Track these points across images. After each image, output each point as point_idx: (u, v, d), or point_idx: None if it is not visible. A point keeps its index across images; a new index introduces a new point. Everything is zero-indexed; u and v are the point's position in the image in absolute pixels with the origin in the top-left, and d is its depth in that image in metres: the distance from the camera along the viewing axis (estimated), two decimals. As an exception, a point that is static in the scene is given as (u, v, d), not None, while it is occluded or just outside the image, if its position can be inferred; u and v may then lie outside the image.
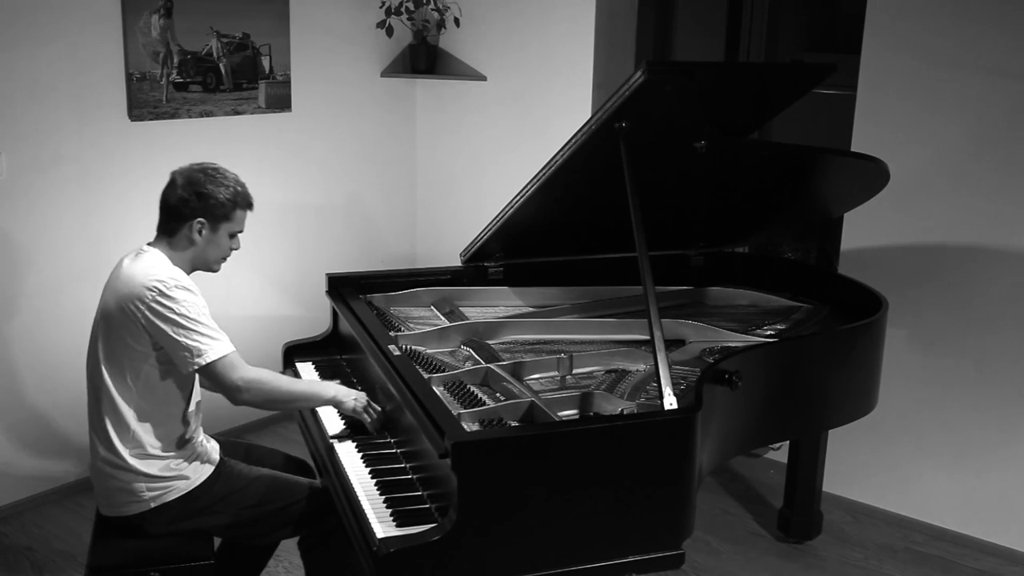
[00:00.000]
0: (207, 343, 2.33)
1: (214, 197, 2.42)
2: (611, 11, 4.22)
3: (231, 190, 2.45)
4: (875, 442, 3.71)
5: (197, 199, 2.41)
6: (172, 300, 2.31)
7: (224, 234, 2.48)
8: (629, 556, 2.16)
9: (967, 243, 3.42)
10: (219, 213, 2.44)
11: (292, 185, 4.38)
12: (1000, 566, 3.44)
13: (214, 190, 2.42)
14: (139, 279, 2.33)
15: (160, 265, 2.38)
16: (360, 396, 2.58)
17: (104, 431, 2.41)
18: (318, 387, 2.59)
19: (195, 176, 2.43)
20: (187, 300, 2.33)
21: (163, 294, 2.30)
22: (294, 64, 4.24)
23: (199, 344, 2.32)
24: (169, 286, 2.32)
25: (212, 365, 2.33)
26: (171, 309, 2.30)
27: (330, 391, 2.55)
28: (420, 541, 1.99)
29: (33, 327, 3.59)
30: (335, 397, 2.54)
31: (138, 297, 2.31)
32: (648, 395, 2.55)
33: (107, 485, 2.44)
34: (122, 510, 2.44)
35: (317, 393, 2.55)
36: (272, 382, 2.43)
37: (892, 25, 3.44)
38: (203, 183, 2.42)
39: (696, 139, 2.70)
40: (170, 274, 2.35)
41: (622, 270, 3.24)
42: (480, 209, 3.99)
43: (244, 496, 2.49)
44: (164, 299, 2.30)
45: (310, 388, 2.57)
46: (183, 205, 2.41)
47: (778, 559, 3.44)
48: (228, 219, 2.46)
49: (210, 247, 2.47)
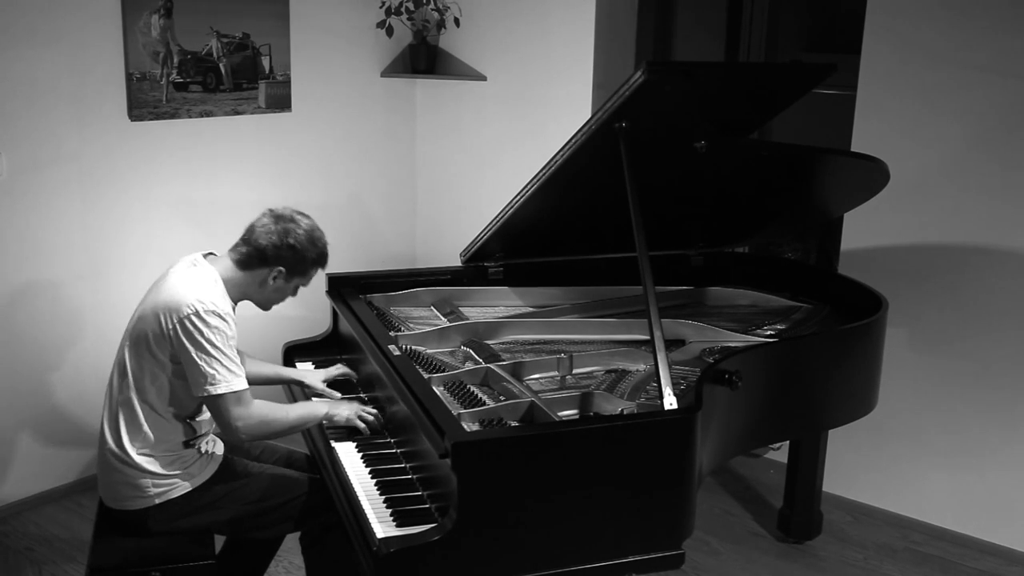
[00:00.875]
0: (223, 375, 2.34)
1: (303, 254, 2.47)
2: (611, 11, 4.22)
3: (319, 251, 2.51)
4: (875, 442, 3.71)
5: (288, 250, 2.45)
6: (205, 324, 2.33)
7: (293, 285, 2.55)
8: (629, 556, 2.16)
9: (967, 243, 3.42)
10: (299, 270, 2.50)
11: (292, 185, 4.38)
12: (1000, 566, 3.44)
13: (305, 248, 2.47)
14: (182, 294, 2.35)
15: (207, 288, 2.39)
16: (351, 406, 2.59)
17: (116, 425, 2.44)
18: (310, 409, 2.58)
19: (291, 227, 2.47)
20: (219, 328, 2.34)
21: (199, 315, 2.32)
22: (294, 64, 4.24)
23: (215, 373, 2.33)
24: (208, 309, 2.33)
25: (220, 397, 2.35)
26: (201, 332, 2.32)
27: (321, 409, 2.56)
28: (420, 541, 1.99)
29: (33, 327, 3.59)
30: (327, 414, 2.56)
31: (175, 311, 2.33)
32: (648, 395, 2.55)
33: (112, 478, 2.46)
34: (126, 504, 2.46)
35: (310, 416, 2.55)
36: (268, 421, 2.44)
37: (892, 25, 3.44)
38: (297, 237, 2.46)
39: (696, 139, 2.70)
40: (212, 298, 2.36)
41: (622, 270, 3.24)
42: (480, 209, 3.99)
43: (246, 492, 2.51)
44: (198, 320, 2.32)
45: (303, 413, 2.55)
46: (271, 250, 2.44)
47: (778, 559, 3.44)
48: (304, 275, 2.53)
49: (275, 293, 2.53)
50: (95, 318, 3.73)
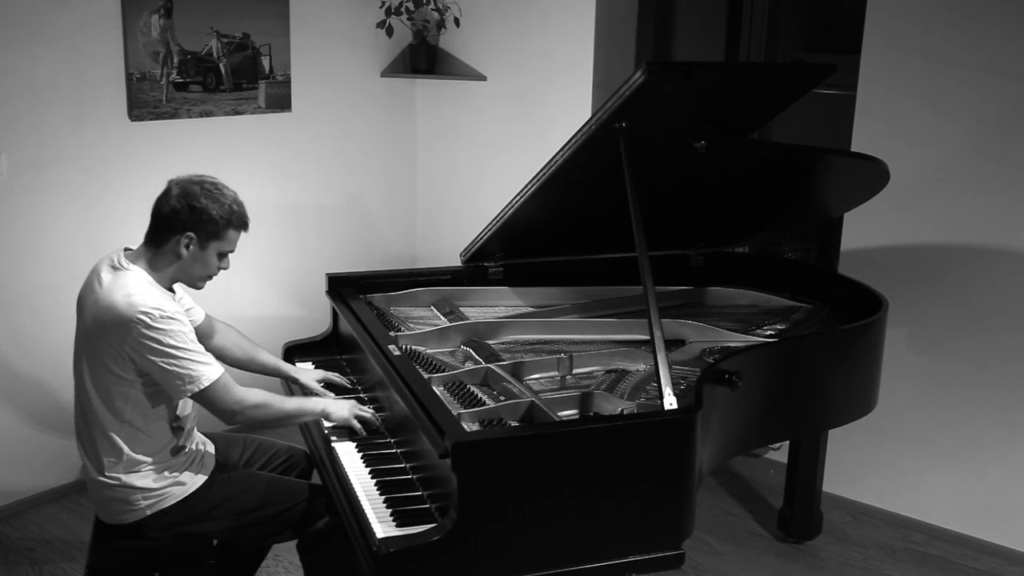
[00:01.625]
0: (199, 369, 2.29)
1: (207, 213, 2.32)
2: (611, 11, 4.22)
3: (227, 208, 2.35)
4: (875, 442, 3.71)
5: (189, 212, 2.31)
6: (159, 331, 2.24)
7: (212, 252, 2.38)
8: (629, 556, 2.16)
9: (967, 243, 3.42)
10: (210, 230, 2.34)
11: (292, 185, 4.38)
12: (1000, 566, 3.44)
13: (208, 205, 2.32)
14: (122, 310, 2.25)
15: (142, 292, 2.29)
16: (349, 406, 2.57)
17: (95, 453, 2.38)
18: (307, 403, 2.56)
19: (191, 188, 2.33)
20: (173, 330, 2.26)
21: (149, 327, 2.24)
22: (294, 64, 4.24)
23: (191, 371, 2.28)
24: (155, 317, 2.24)
25: (207, 390, 2.31)
26: (159, 341, 2.25)
27: (319, 405, 2.54)
28: (420, 541, 1.99)
29: (33, 327, 3.59)
30: (324, 411, 2.53)
31: (123, 330, 2.25)
32: (648, 395, 2.55)
33: (102, 495, 2.41)
34: (119, 518, 2.42)
35: (307, 409, 2.53)
36: (264, 402, 2.41)
37: (892, 25, 3.44)
38: (198, 196, 2.32)
39: (696, 139, 2.70)
40: (154, 304, 2.26)
41: (622, 270, 3.24)
42: (480, 209, 3.99)
43: (242, 500, 2.48)
44: (151, 331, 2.24)
45: (300, 405, 2.53)
46: (174, 217, 2.32)
47: (778, 559, 3.44)
48: (219, 237, 2.36)
49: (195, 264, 2.37)
50: (95, 318, 3.72)
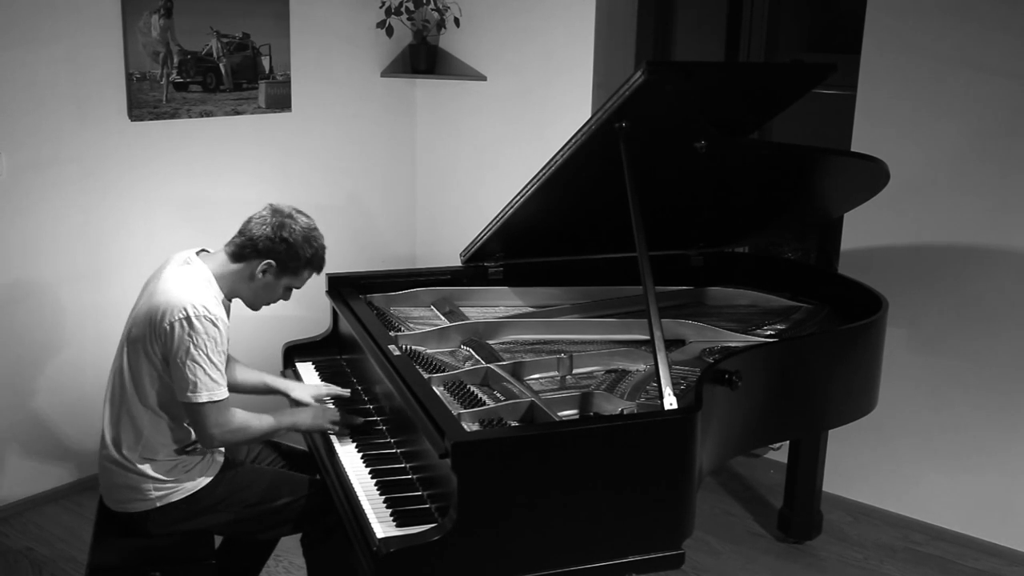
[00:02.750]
0: (206, 382, 2.32)
1: (295, 250, 2.42)
2: (611, 11, 4.22)
3: (314, 251, 2.46)
4: (875, 442, 3.71)
5: (281, 243, 2.41)
6: (194, 330, 2.30)
7: (283, 284, 2.49)
8: (629, 556, 2.16)
9: (967, 243, 3.42)
10: (291, 266, 2.45)
11: (292, 185, 4.38)
12: (1000, 566, 3.44)
13: (299, 244, 2.43)
14: (176, 296, 2.32)
15: (200, 289, 2.36)
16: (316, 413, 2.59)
17: (116, 431, 2.43)
18: (278, 419, 2.56)
19: (288, 222, 2.43)
20: (208, 334, 2.31)
21: (189, 319, 2.30)
22: (294, 64, 4.24)
23: (197, 381, 2.31)
24: (199, 314, 2.31)
25: (200, 405, 2.34)
26: (189, 338, 2.30)
27: (287, 420, 2.56)
28: (420, 541, 2.00)
29: (33, 327, 3.59)
30: (293, 424, 2.56)
31: (168, 313, 2.31)
32: (648, 395, 2.55)
33: (113, 481, 2.45)
34: (127, 507, 2.45)
35: (279, 426, 2.53)
36: (241, 431, 2.43)
37: (892, 25, 3.44)
38: (293, 232, 2.42)
39: (696, 139, 2.70)
40: (204, 302, 2.33)
41: (622, 270, 3.24)
42: (480, 209, 3.99)
43: (247, 494, 2.51)
44: (188, 325, 2.30)
45: (273, 423, 2.53)
46: (264, 241, 2.41)
47: (778, 559, 3.44)
48: (295, 274, 2.48)
49: (264, 290, 2.48)
50: (95, 318, 3.73)
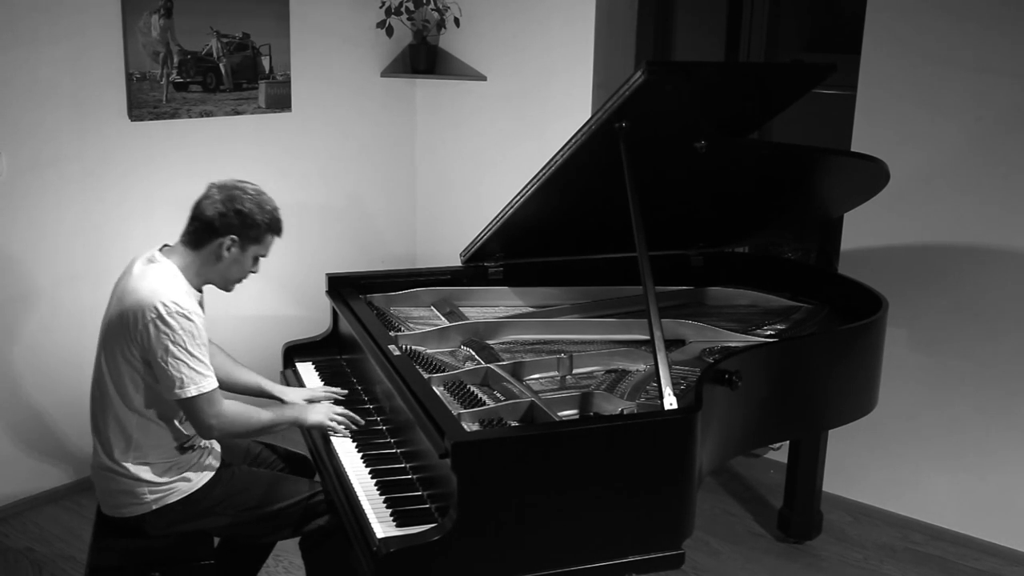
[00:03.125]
0: (192, 376, 2.31)
1: (252, 217, 2.41)
2: (611, 11, 4.22)
3: (268, 214, 2.44)
4: (875, 442, 3.71)
5: (235, 215, 2.39)
6: (168, 327, 2.28)
7: (250, 256, 2.47)
8: (629, 556, 2.16)
9: (967, 243, 3.42)
10: (253, 234, 2.43)
11: (292, 185, 4.38)
12: (1000, 566, 3.44)
13: (253, 210, 2.41)
14: (143, 296, 2.31)
15: (168, 284, 2.34)
16: (320, 409, 2.58)
17: (106, 437, 2.42)
18: (282, 412, 2.57)
19: (236, 193, 2.41)
20: (184, 329, 2.30)
21: (161, 318, 2.28)
22: (294, 64, 4.24)
23: (183, 376, 2.31)
24: (171, 311, 2.29)
25: (192, 399, 2.33)
26: (166, 335, 2.29)
27: (291, 414, 2.55)
28: (420, 541, 1.99)
29: (33, 327, 3.59)
30: (296, 419, 2.55)
31: (139, 315, 2.30)
32: (648, 395, 2.55)
33: (108, 487, 2.44)
34: (123, 511, 2.44)
35: (280, 419, 2.54)
36: (241, 420, 2.43)
37: (892, 25, 3.44)
38: (243, 202, 2.40)
39: (696, 139, 2.70)
40: (174, 297, 2.32)
41: (622, 270, 3.24)
42: (480, 209, 3.99)
43: (245, 497, 2.50)
44: (161, 323, 2.28)
45: (274, 417, 2.54)
46: (219, 219, 2.39)
47: (778, 559, 3.44)
48: (259, 242, 2.46)
49: (234, 266, 2.46)
50: (95, 318, 3.67)
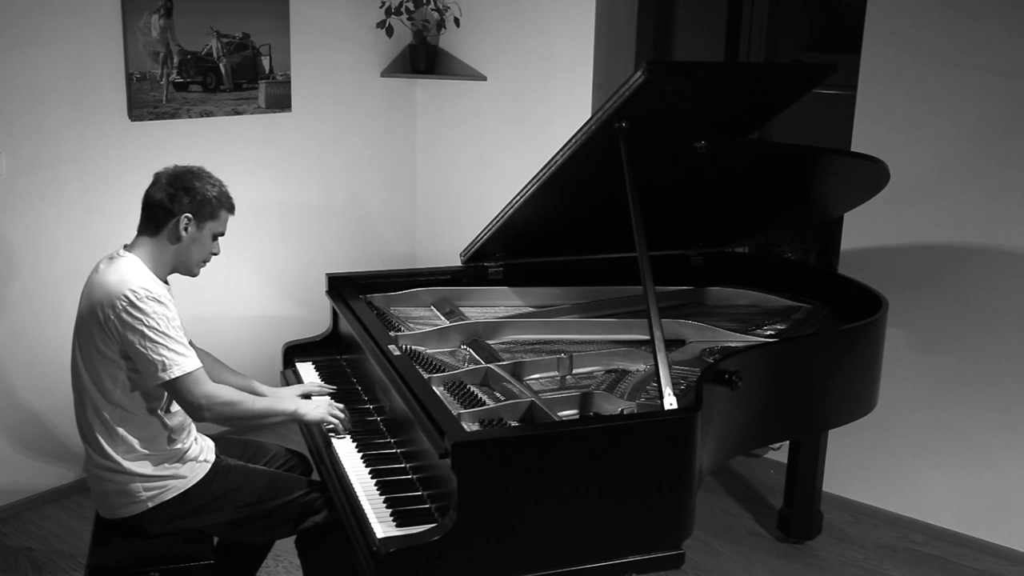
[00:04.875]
0: (173, 358, 2.31)
1: (201, 194, 2.42)
2: (611, 11, 4.22)
3: (217, 189, 2.46)
4: (875, 442, 3.71)
5: (185, 194, 2.41)
6: (141, 312, 2.29)
7: (208, 234, 2.47)
8: (629, 556, 2.16)
9: (967, 243, 3.42)
10: (206, 211, 2.43)
11: (292, 185, 4.38)
12: (1000, 566, 3.44)
13: (201, 187, 2.43)
14: (112, 287, 2.32)
15: (134, 273, 2.35)
16: (321, 404, 2.58)
17: (93, 436, 2.42)
18: (277, 403, 2.57)
19: (180, 174, 2.44)
20: (156, 312, 2.31)
21: (133, 304, 2.29)
22: (294, 64, 4.24)
23: (164, 359, 2.30)
24: (140, 296, 2.30)
25: (177, 380, 2.32)
26: (140, 320, 2.29)
27: (290, 406, 2.55)
28: (420, 541, 2.00)
29: (33, 327, 3.59)
30: (296, 411, 2.54)
31: (109, 306, 2.30)
32: (648, 395, 2.55)
33: (103, 488, 2.44)
34: (120, 512, 2.44)
35: (277, 409, 2.54)
36: (233, 400, 2.42)
37: (892, 25, 3.44)
38: (190, 180, 2.42)
39: (696, 139, 2.70)
40: (142, 284, 2.33)
41: (622, 270, 3.24)
42: (480, 209, 3.99)
43: (243, 493, 2.50)
44: (133, 310, 2.29)
45: (270, 405, 2.54)
46: (170, 200, 2.40)
47: (778, 559, 3.44)
48: (214, 218, 2.46)
49: (195, 246, 2.45)
50: (95, 318, 3.72)
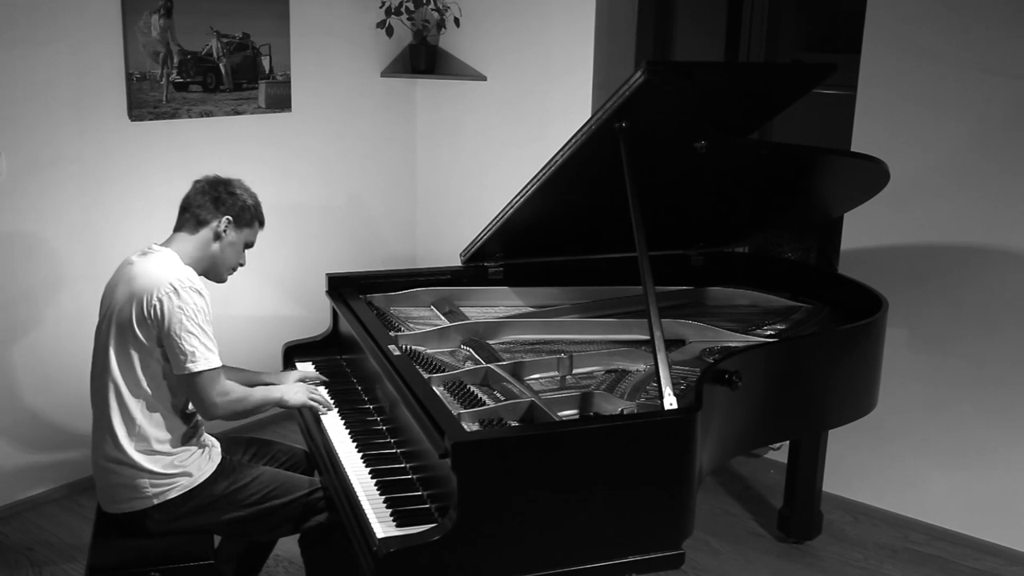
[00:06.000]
0: (202, 352, 2.38)
1: (242, 200, 2.55)
2: (611, 11, 4.22)
3: (254, 200, 2.60)
4: (875, 442, 3.71)
5: (228, 196, 2.52)
6: (183, 301, 2.36)
7: (243, 240, 2.58)
8: (629, 556, 2.16)
9: (967, 243, 3.42)
10: (245, 217, 2.55)
11: (292, 185, 4.38)
12: (1000, 566, 3.44)
13: (242, 194, 2.56)
14: (156, 275, 2.38)
15: (177, 265, 2.43)
16: (300, 390, 2.68)
17: (110, 427, 2.43)
18: (269, 392, 2.64)
19: (223, 180, 2.56)
20: (197, 304, 2.38)
21: (177, 292, 2.36)
22: (294, 64, 4.24)
23: (195, 350, 2.36)
24: (184, 286, 2.37)
25: (199, 375, 2.38)
26: (180, 309, 2.35)
27: (276, 393, 2.64)
28: (420, 541, 2.00)
29: (33, 327, 3.59)
30: (281, 398, 2.64)
31: (154, 291, 2.36)
32: (648, 395, 2.55)
33: (110, 481, 2.45)
34: (124, 506, 2.45)
35: (270, 398, 2.61)
36: (241, 400, 2.50)
37: (892, 25, 3.44)
38: (233, 187, 2.55)
39: (696, 139, 2.70)
40: (185, 274, 2.40)
41: (622, 270, 3.24)
42: (480, 209, 3.99)
43: (246, 493, 2.51)
44: (176, 297, 2.35)
45: (264, 395, 2.61)
46: (214, 202, 2.51)
47: (778, 559, 3.44)
48: (250, 226, 2.58)
49: (230, 249, 2.55)
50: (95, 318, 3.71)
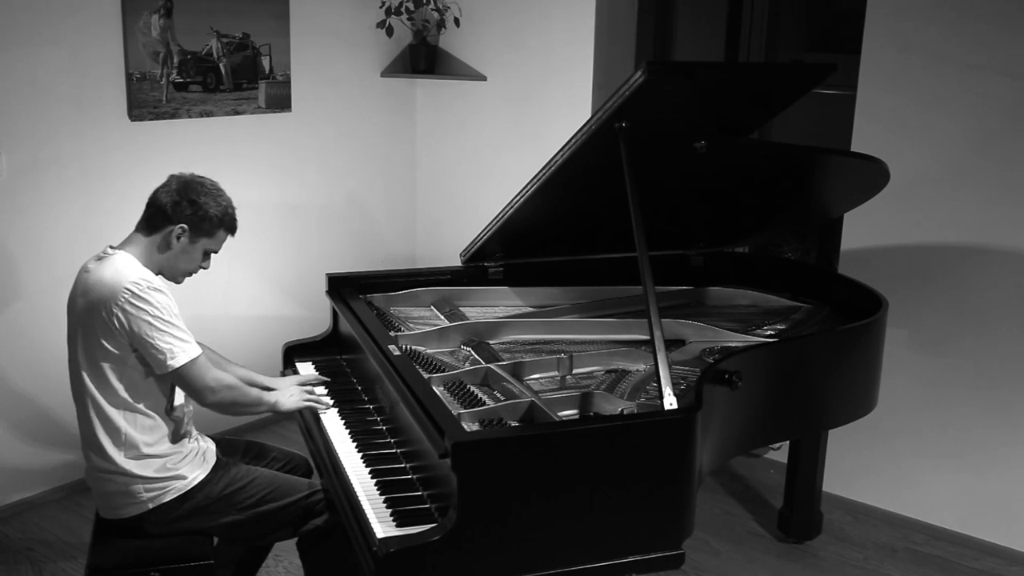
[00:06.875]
0: (180, 346, 2.35)
1: (204, 210, 2.43)
2: (611, 11, 4.22)
3: (222, 209, 2.47)
4: (875, 442, 3.71)
5: (188, 205, 2.42)
6: (145, 302, 2.31)
7: (200, 249, 2.49)
8: (629, 556, 2.16)
9: (967, 243, 3.42)
10: (204, 227, 2.45)
11: (292, 185, 4.38)
12: (1000, 566, 3.44)
13: (207, 203, 2.44)
14: (110, 282, 2.33)
15: (130, 267, 2.37)
16: (294, 394, 2.65)
17: (95, 439, 2.41)
18: (264, 394, 2.61)
19: (193, 184, 2.45)
20: (160, 302, 2.34)
21: (136, 295, 2.31)
22: (294, 64, 4.24)
23: (171, 347, 2.34)
24: (142, 288, 2.32)
25: (185, 367, 2.36)
26: (144, 311, 2.31)
27: (271, 398, 2.60)
28: (420, 541, 1.99)
29: (33, 327, 3.59)
30: (276, 403, 2.59)
31: (112, 300, 2.31)
32: (648, 395, 2.55)
33: (104, 489, 2.44)
34: (120, 512, 2.44)
35: (264, 400, 2.58)
36: (236, 385, 2.49)
37: (892, 25, 3.44)
38: (199, 193, 2.44)
39: (696, 139, 2.70)
40: (141, 275, 2.35)
41: (622, 270, 3.24)
42: (480, 209, 3.99)
43: (243, 495, 2.50)
44: (137, 301, 2.31)
45: (260, 395, 2.59)
46: (173, 208, 2.42)
47: (778, 559, 3.44)
48: (210, 236, 2.48)
49: (182, 257, 2.47)
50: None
